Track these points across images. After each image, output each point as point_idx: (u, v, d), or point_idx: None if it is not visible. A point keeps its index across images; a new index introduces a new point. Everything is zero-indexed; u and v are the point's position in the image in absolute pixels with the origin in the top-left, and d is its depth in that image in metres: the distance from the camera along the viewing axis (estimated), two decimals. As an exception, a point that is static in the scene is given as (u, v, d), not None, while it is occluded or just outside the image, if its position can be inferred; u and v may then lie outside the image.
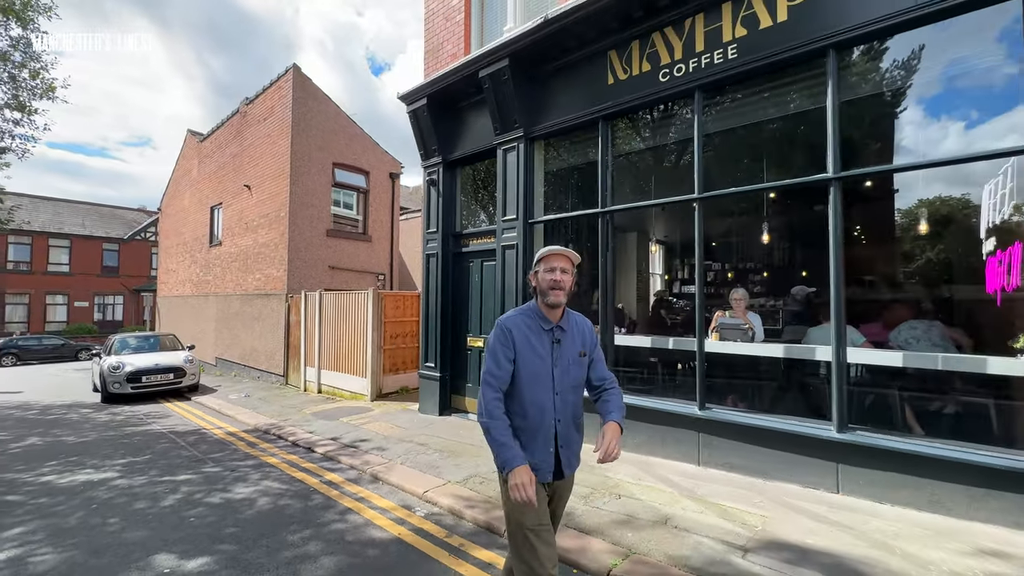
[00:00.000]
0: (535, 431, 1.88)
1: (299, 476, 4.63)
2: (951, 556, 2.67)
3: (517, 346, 1.88)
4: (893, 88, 3.75)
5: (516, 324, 1.92)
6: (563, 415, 1.91)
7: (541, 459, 1.88)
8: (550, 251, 1.93)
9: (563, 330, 1.95)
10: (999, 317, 3.44)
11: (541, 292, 1.92)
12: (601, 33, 4.82)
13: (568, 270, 1.92)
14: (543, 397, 1.88)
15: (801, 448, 3.70)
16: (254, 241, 11.82)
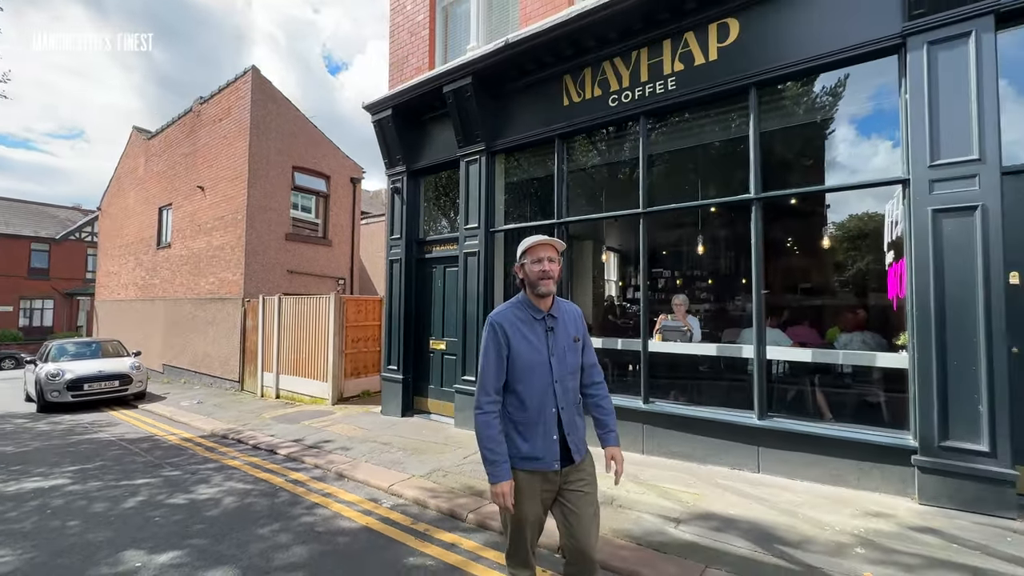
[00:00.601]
0: (535, 422, 1.88)
1: (263, 476, 4.71)
2: (843, 519, 3.19)
3: (510, 340, 1.88)
4: (808, 120, 4.35)
5: (507, 318, 1.92)
6: (565, 402, 1.91)
7: (544, 449, 1.87)
8: (535, 241, 1.93)
9: (555, 318, 1.96)
10: (895, 318, 4.06)
11: (530, 284, 1.92)
12: (557, 59, 5.24)
13: (555, 259, 1.93)
14: (542, 387, 1.88)
15: (729, 435, 4.20)
16: (208, 244, 11.52)
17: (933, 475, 3.27)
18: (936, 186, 3.34)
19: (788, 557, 2.76)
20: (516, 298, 2.01)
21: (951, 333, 3.26)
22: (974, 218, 3.20)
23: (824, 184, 4.28)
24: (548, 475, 1.89)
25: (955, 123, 3.28)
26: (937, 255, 3.32)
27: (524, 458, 1.88)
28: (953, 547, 2.78)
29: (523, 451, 1.89)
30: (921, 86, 3.39)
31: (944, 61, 3.33)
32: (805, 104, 4.22)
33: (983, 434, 3.12)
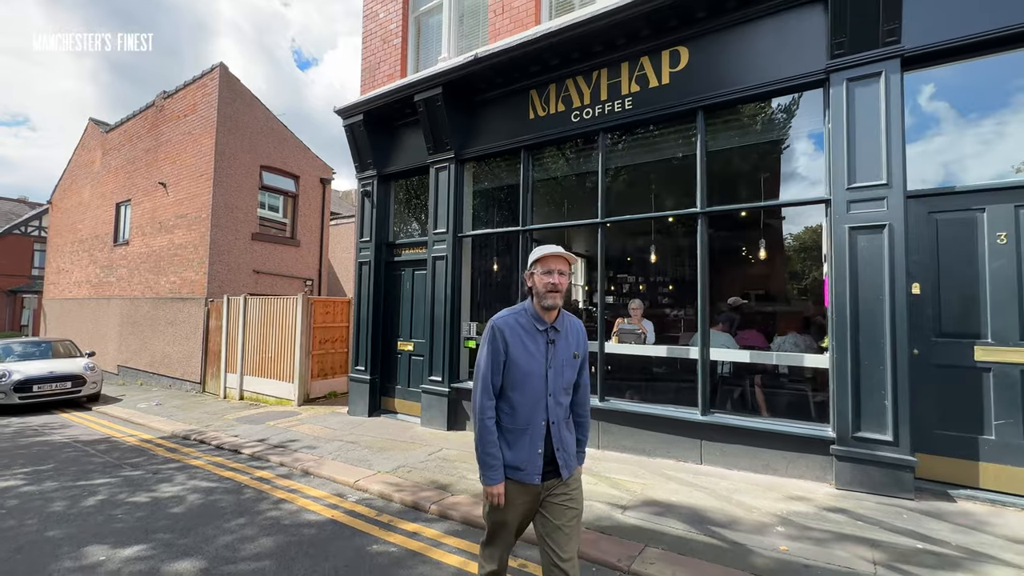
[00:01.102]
0: (522, 432, 1.86)
1: (228, 475, 4.76)
2: (770, 502, 3.56)
3: (509, 346, 1.87)
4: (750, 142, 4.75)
5: (508, 324, 1.90)
6: (556, 416, 1.89)
7: (526, 460, 1.85)
8: (548, 252, 1.89)
9: (557, 331, 1.93)
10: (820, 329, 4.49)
11: (537, 294, 1.89)
12: (524, 74, 5.52)
13: (565, 272, 1.90)
14: (536, 398, 1.86)
15: (676, 430, 4.55)
16: (170, 242, 11.25)
17: (847, 463, 3.68)
18: (852, 206, 3.77)
19: (718, 536, 3.08)
20: (521, 305, 1.97)
21: (863, 336, 3.68)
22: (883, 235, 3.64)
23: (762, 201, 4.69)
24: (528, 487, 1.87)
25: (868, 151, 3.73)
26: (852, 267, 3.75)
27: (507, 466, 1.87)
28: (858, 524, 3.17)
29: (506, 459, 1.87)
30: (841, 117, 3.83)
31: (860, 96, 3.77)
32: (747, 127, 4.63)
33: (888, 425, 3.55)
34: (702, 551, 2.91)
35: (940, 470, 3.59)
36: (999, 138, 3.58)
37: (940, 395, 3.61)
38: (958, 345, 3.56)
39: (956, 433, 3.54)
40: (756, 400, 4.84)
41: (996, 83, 3.57)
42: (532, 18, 5.65)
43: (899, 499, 3.45)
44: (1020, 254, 3.40)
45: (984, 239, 3.52)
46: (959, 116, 3.71)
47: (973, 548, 2.83)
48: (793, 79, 4.10)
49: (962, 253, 3.59)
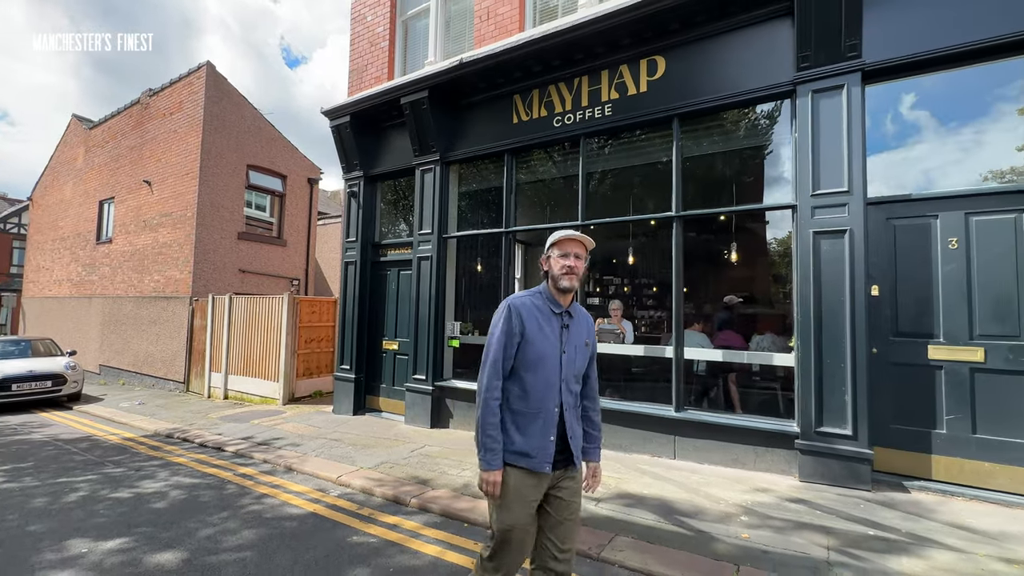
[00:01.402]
0: (535, 416, 1.80)
1: (211, 471, 4.81)
2: (736, 494, 3.72)
3: (525, 326, 1.82)
4: (723, 148, 4.92)
5: (525, 304, 1.87)
6: (568, 404, 1.85)
7: (538, 446, 1.78)
8: (565, 235, 1.89)
9: (571, 316, 1.91)
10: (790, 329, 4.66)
11: (553, 277, 1.88)
12: (508, 80, 5.66)
13: (582, 256, 1.89)
14: (549, 382, 1.82)
15: (652, 426, 4.70)
16: (154, 240, 11.18)
17: (810, 456, 3.86)
18: (816, 212, 3.96)
19: (685, 525, 3.23)
20: (536, 288, 1.96)
21: (826, 335, 3.87)
22: (844, 240, 3.84)
23: (734, 206, 4.87)
24: (538, 476, 1.80)
25: (832, 159, 3.92)
26: (816, 270, 3.93)
27: (516, 452, 1.79)
28: (816, 513, 3.34)
29: (516, 445, 1.79)
30: (807, 127, 4.02)
31: (824, 107, 3.97)
32: (721, 135, 4.81)
33: (848, 420, 3.73)
34: (669, 539, 3.05)
35: (896, 463, 3.79)
36: (959, 150, 3.79)
37: (897, 392, 3.81)
38: (913, 344, 3.76)
39: (911, 428, 3.74)
40: (731, 398, 5.02)
41: (951, 98, 3.78)
42: (516, 25, 5.79)
43: (857, 490, 3.63)
44: (970, 259, 3.61)
45: (937, 244, 3.72)
46: (917, 129, 3.92)
47: (919, 534, 3.01)
48: (763, 90, 4.29)
49: (917, 257, 3.80)
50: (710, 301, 6.31)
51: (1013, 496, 3.37)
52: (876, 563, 2.70)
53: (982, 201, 3.58)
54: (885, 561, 2.72)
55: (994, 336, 3.50)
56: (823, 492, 3.67)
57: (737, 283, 6.88)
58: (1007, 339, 3.46)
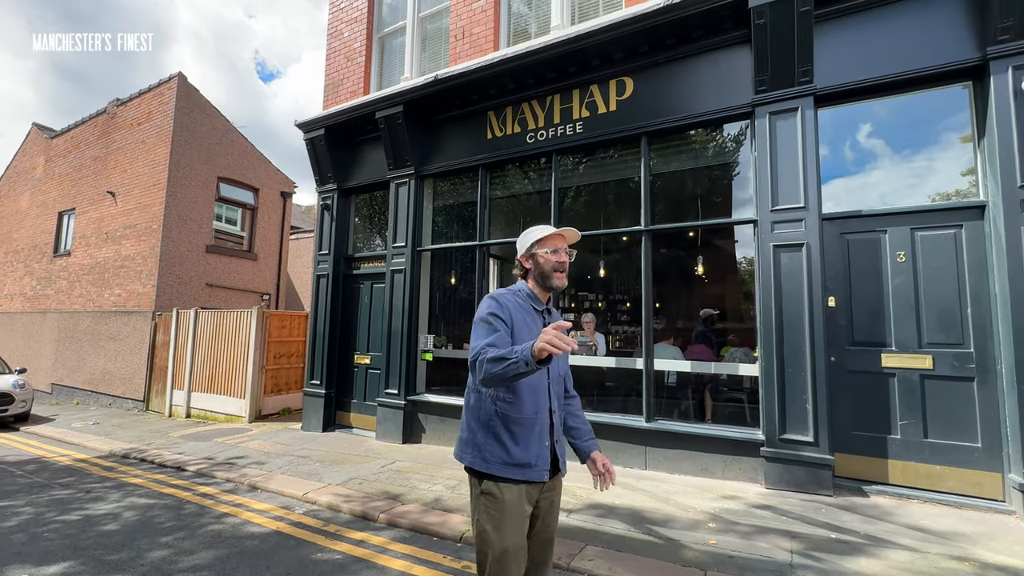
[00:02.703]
0: (532, 422, 1.66)
1: (169, 491, 4.59)
2: (705, 502, 3.77)
3: (514, 319, 1.68)
4: (689, 166, 5.10)
5: (509, 299, 1.74)
6: (556, 406, 1.75)
7: (537, 455, 1.66)
8: (554, 231, 1.79)
9: (551, 313, 1.82)
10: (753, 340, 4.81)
11: (543, 275, 1.76)
12: (482, 96, 5.77)
13: (571, 253, 1.80)
14: (538, 385, 1.69)
15: (623, 437, 4.73)
16: (116, 253, 10.79)
17: (775, 463, 3.95)
18: (776, 227, 4.14)
19: (654, 533, 3.25)
20: (514, 286, 1.82)
21: (787, 345, 4.01)
22: (802, 253, 4.01)
23: (700, 220, 5.03)
24: (534, 488, 1.67)
25: (789, 177, 4.12)
26: (777, 282, 4.09)
27: (514, 464, 1.63)
28: (781, 519, 3.41)
29: (514, 456, 1.63)
30: (765, 146, 4.23)
31: (780, 128, 4.19)
32: (687, 153, 5.00)
33: (810, 427, 3.85)
34: (638, 547, 3.06)
35: (855, 468, 3.91)
36: (911, 175, 4.05)
37: (854, 399, 3.96)
38: (868, 352, 3.93)
39: (868, 433, 3.88)
40: (703, 408, 5.11)
41: (903, 127, 4.05)
42: (491, 44, 5.94)
43: (819, 496, 3.73)
44: (916, 271, 3.83)
45: (887, 257, 3.94)
46: (874, 156, 4.18)
47: (877, 536, 3.11)
48: (725, 111, 4.50)
49: (869, 270, 4.00)
50: (681, 316, 6.46)
51: (963, 497, 3.52)
52: (837, 564, 2.77)
53: (926, 217, 3.82)
54: (845, 562, 2.79)
55: (941, 344, 3.70)
56: (788, 498, 3.76)
57: (707, 298, 7.04)
58: (952, 347, 3.66)
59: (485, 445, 1.67)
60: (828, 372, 3.90)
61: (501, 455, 1.64)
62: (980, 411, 3.54)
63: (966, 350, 3.62)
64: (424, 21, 6.83)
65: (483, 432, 1.68)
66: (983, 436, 3.52)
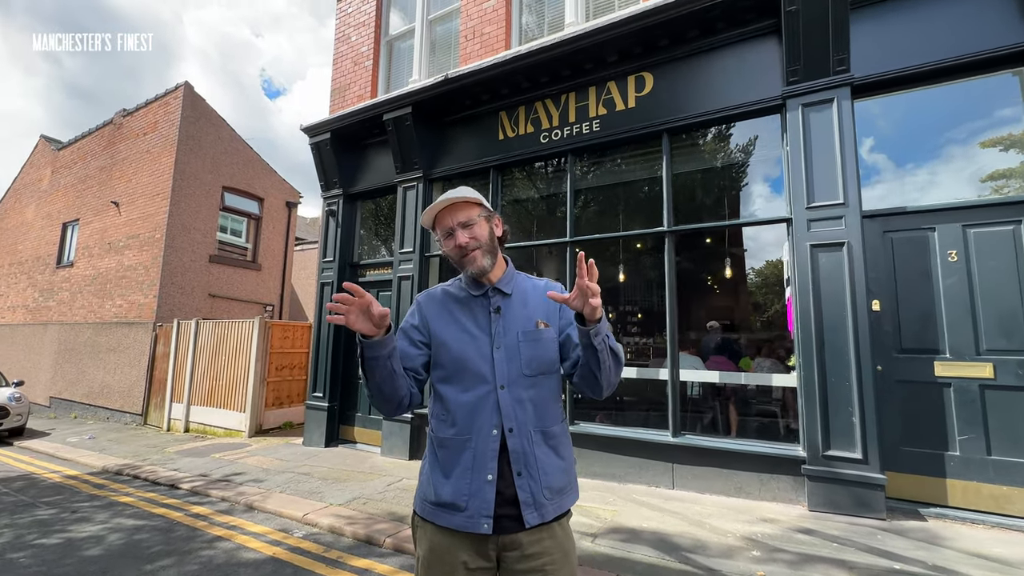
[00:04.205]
0: (461, 445, 1.25)
1: (159, 511, 4.28)
2: (742, 525, 3.42)
3: (430, 321, 1.37)
4: (714, 164, 4.86)
5: (432, 295, 1.43)
6: (517, 420, 1.25)
7: (467, 493, 1.21)
8: (436, 208, 1.36)
9: (505, 295, 1.37)
10: (791, 346, 4.48)
11: (457, 266, 1.40)
12: (493, 96, 5.57)
13: (473, 221, 1.35)
14: (477, 394, 1.27)
15: (647, 453, 4.39)
16: (118, 263, 10.62)
17: (819, 482, 3.60)
18: (812, 225, 3.85)
19: (690, 562, 2.91)
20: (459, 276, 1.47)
21: (829, 353, 3.69)
22: (842, 253, 3.71)
23: (726, 220, 4.75)
24: (467, 540, 1.22)
25: (825, 172, 3.85)
26: (815, 284, 3.79)
27: (438, 504, 1.25)
28: (832, 545, 3.06)
29: (438, 493, 1.25)
30: (798, 140, 3.96)
31: (815, 121, 3.93)
32: (711, 149, 4.75)
33: (857, 443, 3.50)
34: (676, 579, 2.72)
35: (909, 488, 3.55)
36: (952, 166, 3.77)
37: (905, 411, 3.62)
38: (918, 361, 3.60)
39: (922, 449, 3.53)
40: (728, 421, 4.76)
41: (947, 114, 3.78)
42: (502, 44, 5.75)
43: (870, 519, 3.37)
44: (970, 271, 3.51)
45: (936, 257, 3.63)
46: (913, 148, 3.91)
47: (943, 566, 2.75)
48: (752, 104, 4.25)
49: (917, 271, 3.69)
50: (701, 324, 6.14)
51: (1035, 522, 3.15)
52: (908, 602, 2.42)
53: (978, 213, 3.52)
54: (917, 599, 2.44)
55: (1002, 351, 3.36)
56: (835, 522, 3.40)
57: (728, 305, 6.73)
58: (1016, 354, 3.32)
59: (420, 478, 1.37)
60: (876, 383, 3.57)
61: (424, 488, 1.31)
62: (1051, 425, 3.19)
63: (1031, 357, 3.29)
64: (433, 24, 6.68)
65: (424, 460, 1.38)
66: (1056, 453, 3.17)
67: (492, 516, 1.20)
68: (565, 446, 1.35)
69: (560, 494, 1.28)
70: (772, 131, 4.37)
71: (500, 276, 1.40)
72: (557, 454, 1.31)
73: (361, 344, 1.23)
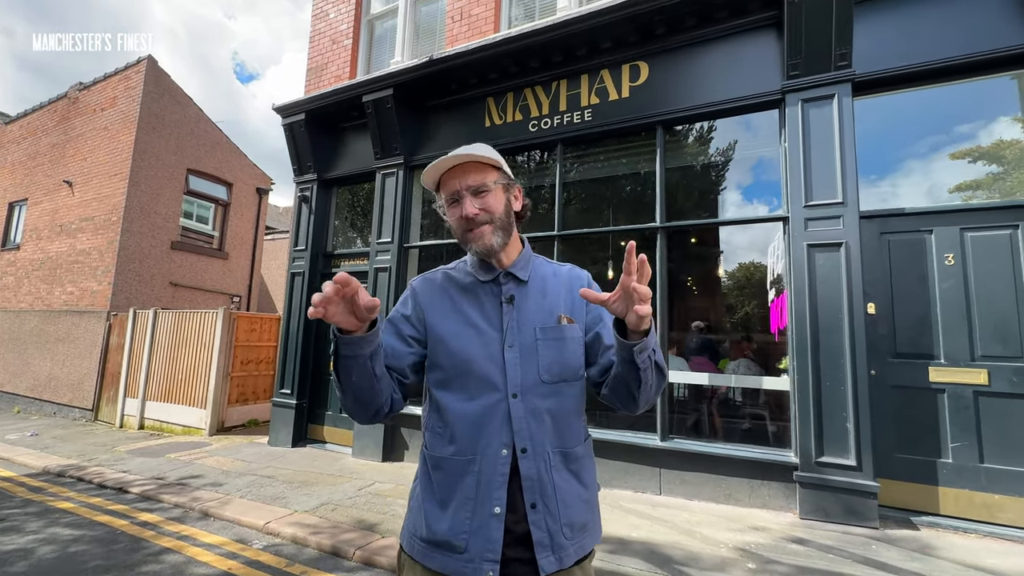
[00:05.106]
0: (462, 468, 1.01)
1: (102, 519, 3.87)
2: (732, 534, 3.27)
3: (427, 314, 1.10)
4: (709, 159, 4.72)
5: (431, 280, 1.17)
6: (532, 438, 1.01)
7: (467, 528, 0.97)
8: (442, 165, 1.07)
9: (520, 281, 1.12)
10: (776, 349, 4.40)
11: (460, 241, 1.13)
12: (481, 81, 5.30)
13: (485, 187, 1.08)
14: (483, 402, 1.02)
15: (634, 457, 4.22)
16: (70, 247, 9.89)
17: (811, 489, 3.49)
18: (810, 224, 3.74)
19: (682, 575, 2.73)
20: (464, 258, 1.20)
21: (824, 356, 3.58)
22: (840, 253, 3.61)
23: (719, 217, 4.62)
24: None
25: (824, 170, 3.73)
26: (812, 285, 3.67)
27: (431, 543, 1.00)
28: (827, 556, 2.94)
29: (432, 528, 1.00)
30: (797, 136, 3.84)
31: (814, 117, 3.81)
32: (707, 144, 4.61)
33: (851, 449, 3.40)
34: (671, 596, 2.54)
35: (902, 496, 3.48)
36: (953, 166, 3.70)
37: (898, 417, 3.54)
38: (913, 365, 3.53)
39: (915, 456, 3.46)
40: (714, 425, 4.64)
41: (947, 116, 3.71)
42: (491, 26, 5.49)
43: (863, 528, 3.27)
44: (967, 276, 3.45)
45: (933, 260, 3.56)
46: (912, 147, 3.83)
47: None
48: (750, 98, 4.12)
49: (913, 274, 3.61)
50: (684, 324, 6.02)
51: (1027, 532, 3.10)
52: (914, 620, 2.30)
53: (977, 216, 3.46)
54: (923, 617, 2.32)
55: (997, 357, 3.31)
56: (828, 531, 3.29)
57: (705, 306, 6.65)
58: (1010, 360, 3.27)
59: (409, 503, 1.12)
60: (870, 387, 3.47)
61: (414, 520, 1.06)
62: (1044, 433, 3.15)
63: (1026, 364, 3.24)
64: (418, 3, 6.36)
65: (416, 482, 1.13)
66: (1048, 462, 3.12)
67: (499, 560, 0.95)
68: (588, 471, 1.09)
69: (583, 532, 1.04)
70: (770, 126, 4.25)
71: (515, 258, 1.14)
72: (579, 481, 1.06)
73: (337, 339, 0.95)
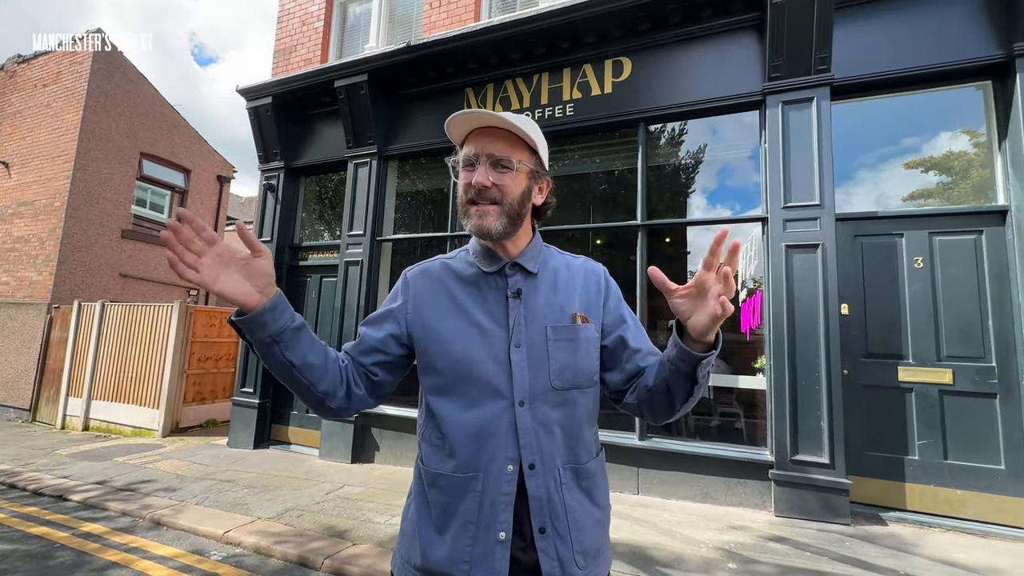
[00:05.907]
0: (463, 486, 0.89)
1: (38, 531, 3.53)
2: (713, 534, 3.27)
3: (423, 310, 0.98)
4: (691, 158, 4.70)
5: (427, 271, 1.05)
6: (541, 452, 0.90)
7: (462, 553, 0.87)
8: (475, 119, 0.94)
9: (529, 273, 1.00)
10: (749, 348, 4.45)
11: (459, 209, 1.00)
12: (460, 70, 5.14)
13: (509, 163, 0.94)
14: (486, 410, 0.90)
15: (613, 456, 4.15)
16: (5, 234, 9.12)
17: (785, 487, 3.53)
18: (788, 225, 3.78)
19: (669, 579, 2.69)
20: (466, 246, 1.09)
21: (800, 356, 3.63)
22: (816, 255, 3.66)
23: (702, 216, 4.62)
24: None
25: (802, 172, 3.78)
26: (789, 286, 3.72)
27: (427, 572, 0.89)
28: (804, 554, 2.96)
29: (428, 555, 0.89)
30: (777, 138, 3.87)
31: (794, 119, 3.85)
32: (689, 142, 4.60)
33: (825, 448, 3.46)
34: (655, 600, 2.49)
35: (871, 492, 3.56)
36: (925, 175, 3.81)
37: (869, 416, 3.63)
38: (884, 365, 3.62)
39: (884, 454, 3.55)
40: (691, 424, 4.66)
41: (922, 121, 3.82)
42: (471, 14, 5.33)
43: (836, 524, 3.34)
44: (935, 278, 3.56)
45: (904, 263, 3.66)
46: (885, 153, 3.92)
47: (913, 573, 2.71)
48: (732, 98, 4.13)
49: (885, 276, 3.71)
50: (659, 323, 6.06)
51: (987, 525, 3.23)
52: (891, 617, 2.32)
53: (944, 221, 3.58)
54: (899, 614, 2.35)
55: (961, 357, 3.43)
56: (804, 528, 3.33)
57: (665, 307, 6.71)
58: (973, 360, 3.40)
59: (402, 525, 0.99)
60: (844, 387, 3.54)
61: (408, 545, 0.93)
62: (1003, 430, 3.28)
63: (988, 364, 3.37)
64: (394, -13, 6.12)
65: (410, 500, 1.00)
66: (1007, 458, 3.26)
67: None
68: (601, 489, 0.99)
69: (596, 559, 0.94)
70: (751, 127, 4.28)
71: (523, 248, 1.01)
72: (592, 500, 0.96)
73: (234, 323, 0.83)
